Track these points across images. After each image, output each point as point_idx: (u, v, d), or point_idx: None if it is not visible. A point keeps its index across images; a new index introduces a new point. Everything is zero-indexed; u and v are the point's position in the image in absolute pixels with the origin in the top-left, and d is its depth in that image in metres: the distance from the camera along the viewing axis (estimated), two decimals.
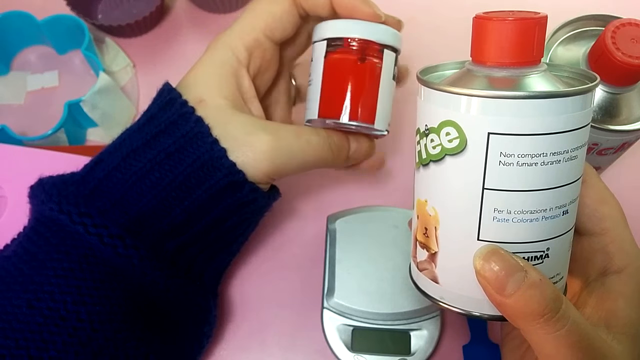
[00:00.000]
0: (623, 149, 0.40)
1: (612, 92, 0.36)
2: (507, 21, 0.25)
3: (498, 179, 0.25)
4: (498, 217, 0.26)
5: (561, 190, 0.25)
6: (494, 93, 0.24)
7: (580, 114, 0.25)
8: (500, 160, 0.25)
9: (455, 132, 0.25)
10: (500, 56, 0.26)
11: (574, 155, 0.25)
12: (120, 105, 0.51)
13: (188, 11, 0.58)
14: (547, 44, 0.39)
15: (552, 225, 0.26)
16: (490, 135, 0.25)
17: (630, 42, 0.34)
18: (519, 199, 0.25)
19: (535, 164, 0.25)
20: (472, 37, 0.27)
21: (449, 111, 0.25)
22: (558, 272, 0.27)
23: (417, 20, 0.56)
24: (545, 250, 0.26)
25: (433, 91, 0.26)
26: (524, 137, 0.24)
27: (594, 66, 0.36)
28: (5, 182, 0.45)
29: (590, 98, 0.26)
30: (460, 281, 0.27)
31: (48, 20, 0.52)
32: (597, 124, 0.36)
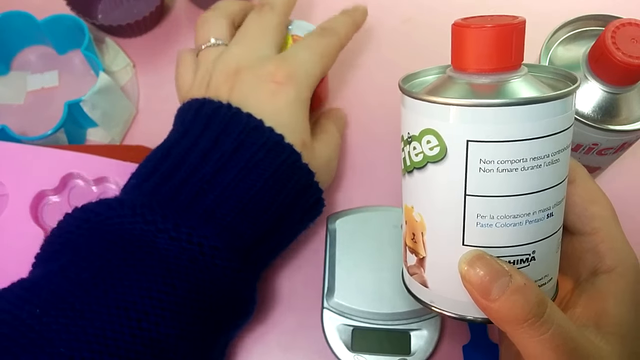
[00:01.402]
0: (623, 149, 0.40)
1: (612, 92, 0.36)
2: (485, 28, 0.25)
3: (479, 186, 0.25)
4: (481, 223, 0.26)
5: (544, 194, 0.25)
6: (470, 102, 0.25)
7: (560, 117, 0.25)
8: (481, 167, 0.25)
9: (435, 140, 0.26)
10: (480, 63, 0.26)
11: (555, 159, 0.25)
12: (120, 105, 0.51)
13: (188, 11, 0.58)
14: (547, 44, 0.39)
15: (536, 229, 0.26)
16: (469, 143, 0.25)
17: (630, 42, 0.34)
18: (501, 204, 0.25)
19: (515, 170, 0.25)
20: (451, 44, 0.27)
21: (429, 120, 0.26)
22: (546, 274, 0.27)
23: (415, 21, 0.56)
24: (531, 253, 0.26)
25: (414, 100, 0.27)
26: (503, 143, 0.24)
27: (594, 66, 0.36)
28: (7, 180, 0.45)
29: (571, 101, 0.26)
30: (448, 285, 0.28)
31: (48, 20, 0.52)
32: (597, 124, 0.36)
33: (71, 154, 0.46)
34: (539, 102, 0.24)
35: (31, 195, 0.45)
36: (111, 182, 0.46)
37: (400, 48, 0.54)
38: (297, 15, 0.55)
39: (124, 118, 0.51)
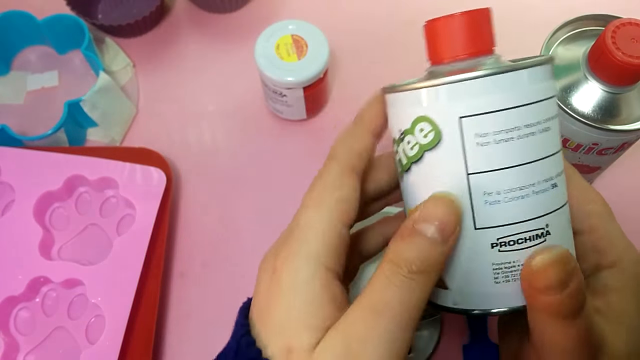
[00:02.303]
0: (623, 148, 0.40)
1: (612, 92, 0.36)
2: (452, 15, 0.27)
3: (480, 161, 0.25)
4: (489, 200, 0.26)
5: (544, 162, 0.26)
6: (456, 78, 0.25)
7: (544, 85, 0.26)
8: (477, 142, 0.25)
9: (428, 126, 0.26)
10: (454, 50, 0.27)
11: (546, 127, 0.26)
12: (120, 105, 0.51)
13: (188, 11, 0.58)
14: (547, 44, 0.39)
15: (544, 200, 0.26)
16: (462, 120, 0.25)
17: (630, 42, 0.34)
18: (505, 176, 0.25)
19: (512, 139, 0.25)
20: (426, 42, 0.28)
21: (418, 108, 0.26)
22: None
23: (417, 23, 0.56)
24: (545, 227, 0.26)
25: (399, 95, 0.27)
26: (495, 113, 0.25)
27: (594, 66, 0.36)
28: (17, 186, 0.46)
29: (549, 70, 0.26)
30: (469, 278, 0.27)
31: (48, 20, 0.52)
32: (597, 123, 0.36)
33: (74, 157, 0.46)
34: (522, 69, 0.25)
35: (35, 197, 0.45)
36: (114, 183, 0.46)
37: (402, 50, 0.54)
38: (297, 15, 0.55)
39: (124, 118, 0.51)
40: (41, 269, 0.43)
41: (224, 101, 0.53)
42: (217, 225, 0.48)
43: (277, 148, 0.51)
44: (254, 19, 0.57)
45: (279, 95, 0.48)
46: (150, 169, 0.46)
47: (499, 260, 0.26)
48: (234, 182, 0.50)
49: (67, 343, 0.42)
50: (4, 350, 0.41)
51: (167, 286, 0.46)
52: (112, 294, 0.42)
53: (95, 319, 0.43)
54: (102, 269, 0.43)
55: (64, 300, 0.43)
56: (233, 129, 0.52)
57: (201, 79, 0.54)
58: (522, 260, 0.26)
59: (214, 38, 0.57)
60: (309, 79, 0.46)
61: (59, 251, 0.45)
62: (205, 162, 0.51)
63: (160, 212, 0.45)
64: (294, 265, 0.27)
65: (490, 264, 0.26)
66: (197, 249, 0.47)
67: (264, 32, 0.47)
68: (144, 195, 0.45)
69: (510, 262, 0.26)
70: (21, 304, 0.43)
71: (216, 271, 0.47)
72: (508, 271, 0.26)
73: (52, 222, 0.46)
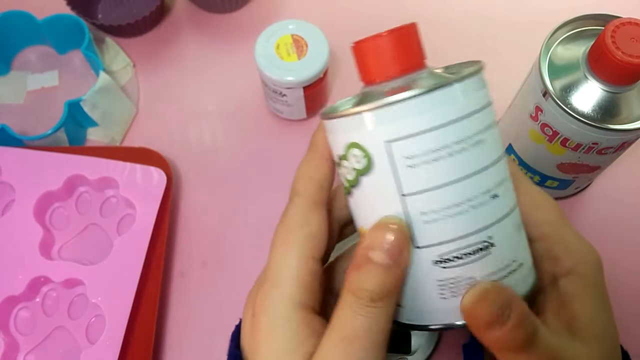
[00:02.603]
0: (623, 148, 0.40)
1: (612, 92, 0.36)
2: (380, 35, 0.27)
3: (412, 183, 0.25)
4: (427, 220, 0.25)
5: (479, 176, 0.25)
6: (376, 104, 0.25)
7: (470, 99, 0.25)
8: (407, 164, 0.25)
9: (360, 152, 0.26)
10: (385, 70, 0.27)
11: (479, 140, 0.25)
12: (121, 105, 0.51)
13: (188, 11, 0.58)
14: (547, 44, 0.39)
15: (485, 213, 0.26)
16: (389, 144, 0.25)
17: (630, 42, 0.34)
18: (439, 195, 0.25)
19: (441, 158, 0.25)
20: (356, 63, 0.28)
21: (349, 134, 0.26)
22: (513, 259, 0.27)
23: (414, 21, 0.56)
24: (488, 239, 0.26)
25: (331, 122, 0.27)
26: (421, 135, 0.25)
27: (594, 65, 0.36)
28: (17, 186, 0.46)
29: (476, 83, 0.26)
30: (417, 295, 0.27)
31: (48, 20, 0.52)
32: (597, 123, 0.36)
33: (74, 157, 0.46)
34: (441, 88, 0.25)
35: (35, 196, 0.45)
36: (114, 183, 0.46)
37: None
38: (297, 15, 0.55)
39: (124, 118, 0.51)
40: (41, 268, 0.43)
41: (224, 101, 0.53)
42: (217, 225, 0.48)
43: (277, 148, 0.51)
44: (254, 19, 0.57)
45: (279, 95, 0.48)
46: (150, 168, 0.46)
47: (443, 277, 0.26)
48: (234, 182, 0.50)
49: (67, 343, 0.42)
50: (4, 350, 0.41)
51: (167, 286, 0.46)
52: (113, 294, 0.42)
53: (95, 319, 0.43)
54: (103, 268, 0.43)
55: (64, 300, 0.43)
56: (233, 129, 0.52)
57: (201, 79, 0.55)
58: (467, 274, 0.26)
59: (214, 38, 0.57)
60: (309, 78, 0.46)
61: (59, 251, 0.46)
62: (205, 162, 0.51)
63: (160, 212, 0.45)
64: (270, 308, 0.28)
65: (435, 281, 0.26)
66: (197, 248, 0.47)
67: (264, 32, 0.47)
68: (144, 195, 0.45)
69: (455, 277, 0.26)
70: (21, 304, 0.43)
71: (216, 271, 0.47)
72: (454, 287, 0.26)
73: (52, 221, 0.46)
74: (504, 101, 0.48)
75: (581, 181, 0.46)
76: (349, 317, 0.26)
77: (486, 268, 0.26)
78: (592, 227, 0.48)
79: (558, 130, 0.39)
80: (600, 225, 0.48)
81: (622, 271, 0.46)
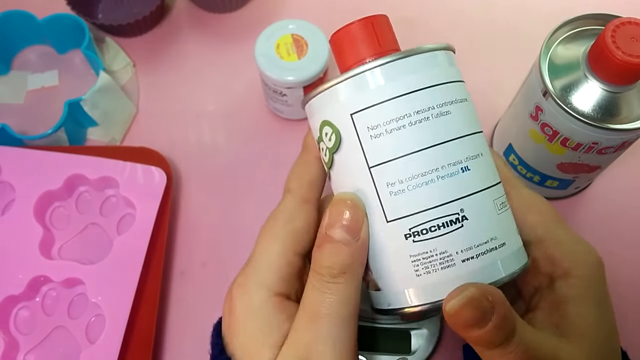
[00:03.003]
0: (623, 147, 0.40)
1: (612, 91, 0.36)
2: (352, 22, 0.28)
3: (377, 153, 0.26)
4: (394, 191, 0.26)
5: (446, 146, 0.25)
6: (338, 78, 0.26)
7: (432, 72, 0.26)
8: (371, 135, 0.26)
9: (330, 129, 0.27)
10: (357, 53, 0.28)
11: (445, 111, 0.26)
12: (121, 105, 0.51)
13: (188, 11, 0.58)
14: (547, 43, 0.39)
15: (455, 185, 0.25)
16: (353, 116, 0.26)
17: (630, 41, 0.34)
18: (404, 164, 0.25)
19: (403, 127, 0.25)
20: (334, 55, 0.29)
21: (320, 113, 0.27)
22: (492, 236, 0.26)
23: (414, 21, 0.56)
24: (459, 212, 0.25)
25: (308, 105, 0.28)
26: (382, 105, 0.25)
27: (594, 65, 0.36)
28: (17, 185, 0.45)
29: (439, 58, 0.27)
30: (393, 274, 0.27)
31: (48, 20, 0.52)
32: (597, 122, 0.36)
33: (74, 156, 0.46)
34: (399, 59, 0.26)
35: (35, 196, 0.45)
36: (114, 182, 0.46)
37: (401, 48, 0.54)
38: (297, 14, 0.55)
39: (124, 117, 0.51)
40: (41, 268, 0.43)
41: (224, 101, 0.53)
42: (217, 224, 0.48)
43: (277, 148, 0.51)
44: (254, 19, 0.57)
45: (279, 95, 0.48)
46: (150, 168, 0.46)
47: (415, 252, 0.26)
48: (234, 182, 0.50)
49: (67, 342, 0.42)
50: (4, 350, 0.41)
51: (168, 285, 0.46)
52: (113, 293, 0.42)
53: (95, 319, 0.43)
54: (103, 268, 0.43)
55: (64, 300, 0.43)
56: (233, 128, 0.52)
57: (201, 79, 0.55)
58: (440, 249, 0.25)
59: (214, 38, 0.57)
60: (309, 78, 0.46)
61: (59, 250, 0.45)
62: (205, 162, 0.51)
63: (160, 211, 0.45)
64: (246, 293, 0.29)
65: (408, 256, 0.26)
66: (197, 248, 0.47)
67: (264, 32, 0.47)
68: (144, 194, 0.45)
69: (427, 251, 0.26)
70: (21, 303, 0.43)
71: (216, 270, 0.47)
72: (427, 262, 0.26)
73: (52, 221, 0.46)
74: (504, 101, 0.48)
75: (581, 181, 0.46)
76: (313, 296, 0.26)
77: (460, 243, 0.25)
78: (592, 227, 0.48)
79: (558, 129, 0.39)
80: (600, 225, 0.48)
81: (622, 271, 0.46)
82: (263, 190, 0.49)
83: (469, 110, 0.27)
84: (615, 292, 0.45)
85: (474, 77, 0.55)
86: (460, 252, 0.25)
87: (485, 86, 0.53)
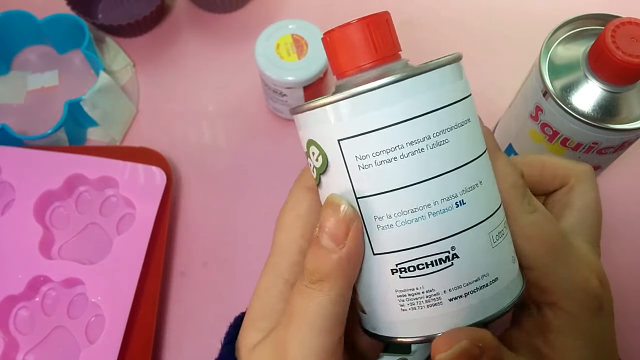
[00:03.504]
0: (623, 147, 0.40)
1: (612, 91, 0.36)
2: (350, 23, 0.25)
3: (364, 185, 0.24)
4: (381, 225, 0.24)
5: (440, 180, 0.23)
6: (330, 99, 0.23)
7: (428, 95, 0.23)
8: (359, 165, 0.23)
9: (317, 150, 0.25)
10: (354, 60, 0.25)
11: (442, 140, 0.23)
12: (121, 105, 0.51)
13: (188, 11, 0.58)
14: (547, 43, 0.39)
15: (446, 221, 0.23)
16: (340, 142, 0.24)
17: (630, 41, 0.34)
18: (394, 199, 0.23)
19: (394, 159, 0.23)
20: (327, 56, 0.26)
21: (307, 131, 0.25)
22: (484, 272, 0.24)
23: (415, 22, 0.56)
24: (450, 250, 0.24)
25: (296, 117, 0.26)
26: (372, 134, 0.23)
27: (594, 65, 0.36)
28: (17, 185, 0.45)
29: (440, 77, 0.24)
30: (378, 304, 0.25)
31: (48, 20, 0.52)
32: (597, 122, 0.36)
33: (74, 156, 0.46)
34: (397, 82, 0.23)
35: (35, 196, 0.45)
36: (114, 182, 0.46)
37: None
38: (297, 14, 0.55)
39: (124, 117, 0.51)
40: (41, 268, 0.43)
41: (224, 101, 0.53)
42: (217, 224, 0.48)
43: (277, 148, 0.51)
44: (254, 19, 0.57)
45: (279, 95, 0.48)
46: (150, 168, 0.46)
47: (401, 287, 0.24)
48: (234, 182, 0.50)
49: (67, 342, 0.42)
50: (4, 350, 0.41)
51: (167, 285, 0.46)
52: (112, 293, 0.42)
53: (95, 319, 0.43)
54: (102, 268, 0.43)
55: (63, 300, 0.43)
56: (233, 129, 0.52)
57: (201, 79, 0.55)
58: (427, 287, 0.24)
59: (214, 38, 0.57)
60: (309, 78, 0.46)
61: (59, 250, 0.45)
62: (205, 162, 0.51)
63: (160, 211, 0.45)
64: (262, 276, 0.30)
65: (393, 290, 0.24)
66: (197, 248, 0.47)
67: (264, 32, 0.47)
68: (144, 194, 0.45)
69: (414, 289, 0.24)
70: (21, 303, 0.43)
71: (216, 271, 0.47)
72: (413, 299, 0.24)
73: (52, 221, 0.46)
74: (504, 101, 0.48)
75: None
76: (294, 297, 0.26)
77: (449, 281, 0.24)
78: None
79: (558, 130, 0.39)
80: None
81: (622, 271, 0.46)
82: (263, 190, 0.49)
83: (471, 133, 0.24)
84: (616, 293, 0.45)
85: (473, 77, 0.55)
86: (448, 291, 0.24)
87: (485, 86, 0.53)
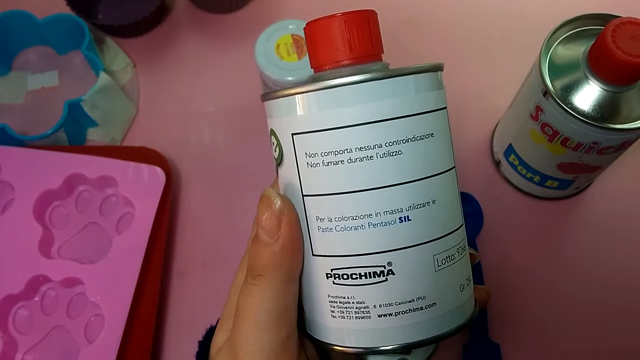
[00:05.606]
0: (623, 147, 0.40)
1: (612, 91, 0.36)
2: (334, 16, 0.24)
3: (310, 184, 0.23)
4: (322, 227, 0.23)
5: (386, 192, 0.22)
6: (291, 91, 0.23)
7: (389, 102, 0.22)
8: (308, 162, 0.23)
9: (275, 140, 0.24)
10: (334, 55, 0.24)
11: (393, 151, 0.22)
12: (121, 105, 0.51)
13: (188, 11, 0.58)
14: (547, 43, 0.39)
15: (387, 235, 0.22)
16: (294, 136, 0.23)
17: (630, 41, 0.34)
18: (335, 204, 0.23)
19: (341, 162, 0.22)
20: (307, 46, 0.26)
21: (270, 120, 0.25)
22: (420, 295, 0.23)
23: (415, 22, 0.56)
24: (386, 265, 0.23)
25: (264, 105, 0.25)
26: (323, 133, 0.22)
27: (594, 65, 0.36)
28: (17, 185, 0.45)
29: (404, 85, 0.22)
30: (313, 306, 0.25)
31: (48, 20, 0.52)
32: (597, 122, 0.36)
33: (74, 156, 0.46)
34: (353, 84, 0.22)
35: (35, 195, 0.45)
36: (114, 181, 0.46)
37: (401, 49, 0.54)
38: (297, 15, 0.55)
39: (124, 118, 0.51)
40: (40, 267, 0.43)
41: (224, 101, 0.53)
42: (217, 225, 0.48)
43: None
44: (254, 19, 0.57)
45: None
46: (150, 167, 0.46)
47: (334, 293, 0.24)
48: (234, 182, 0.50)
49: (66, 342, 0.42)
50: (3, 349, 0.41)
51: (167, 285, 0.46)
52: (112, 293, 0.42)
53: (94, 318, 0.42)
54: (102, 267, 0.42)
55: (63, 299, 0.43)
56: (233, 129, 0.52)
57: (201, 79, 0.55)
58: (358, 298, 0.23)
59: (214, 38, 0.57)
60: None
61: (59, 250, 0.45)
62: (205, 162, 0.51)
63: (160, 210, 0.44)
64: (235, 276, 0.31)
65: (326, 295, 0.24)
66: (197, 248, 0.47)
67: (264, 32, 0.47)
68: (143, 193, 0.45)
69: (345, 297, 0.24)
70: (20, 303, 0.43)
71: (216, 271, 0.46)
72: (343, 307, 0.24)
73: (51, 220, 0.46)
74: (504, 101, 0.48)
75: (581, 181, 0.45)
76: (240, 295, 0.25)
77: (379, 297, 0.23)
78: (592, 228, 0.48)
79: (558, 129, 0.39)
80: (600, 225, 0.48)
81: (622, 271, 0.46)
82: (263, 190, 0.49)
83: (432, 149, 0.23)
84: (616, 292, 0.45)
85: (474, 78, 0.55)
86: (377, 307, 0.23)
87: (485, 86, 0.53)
